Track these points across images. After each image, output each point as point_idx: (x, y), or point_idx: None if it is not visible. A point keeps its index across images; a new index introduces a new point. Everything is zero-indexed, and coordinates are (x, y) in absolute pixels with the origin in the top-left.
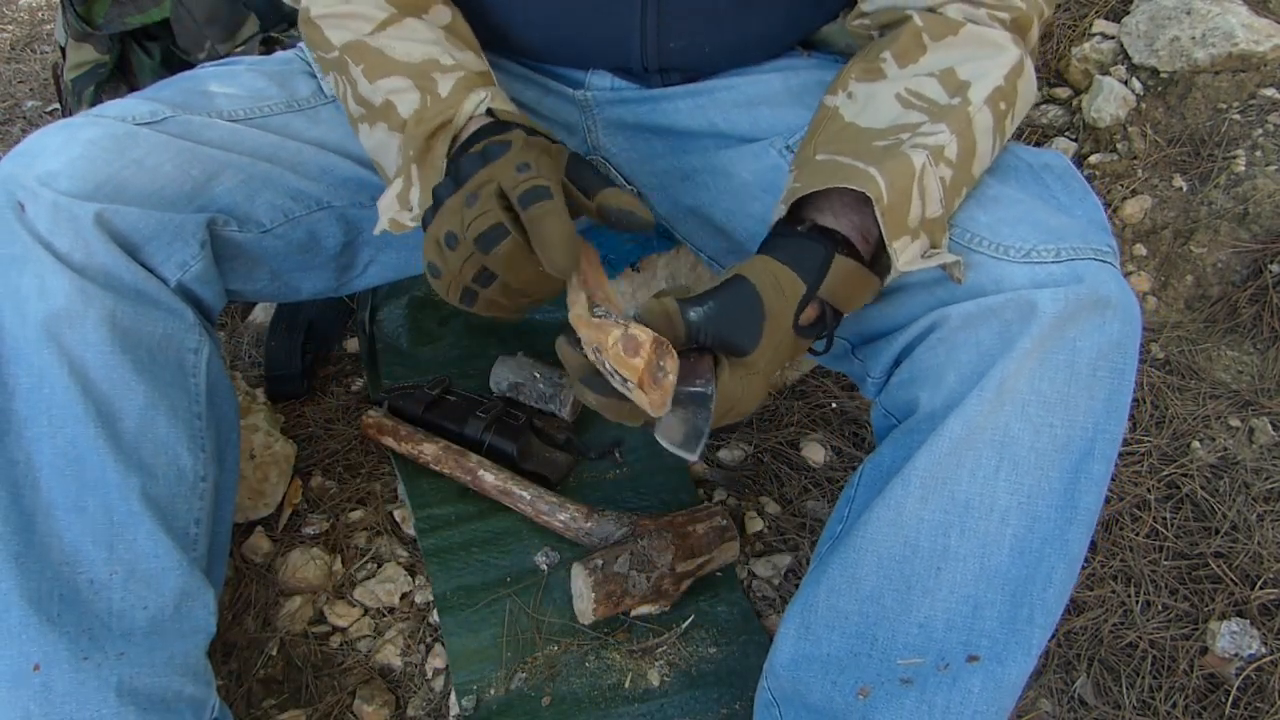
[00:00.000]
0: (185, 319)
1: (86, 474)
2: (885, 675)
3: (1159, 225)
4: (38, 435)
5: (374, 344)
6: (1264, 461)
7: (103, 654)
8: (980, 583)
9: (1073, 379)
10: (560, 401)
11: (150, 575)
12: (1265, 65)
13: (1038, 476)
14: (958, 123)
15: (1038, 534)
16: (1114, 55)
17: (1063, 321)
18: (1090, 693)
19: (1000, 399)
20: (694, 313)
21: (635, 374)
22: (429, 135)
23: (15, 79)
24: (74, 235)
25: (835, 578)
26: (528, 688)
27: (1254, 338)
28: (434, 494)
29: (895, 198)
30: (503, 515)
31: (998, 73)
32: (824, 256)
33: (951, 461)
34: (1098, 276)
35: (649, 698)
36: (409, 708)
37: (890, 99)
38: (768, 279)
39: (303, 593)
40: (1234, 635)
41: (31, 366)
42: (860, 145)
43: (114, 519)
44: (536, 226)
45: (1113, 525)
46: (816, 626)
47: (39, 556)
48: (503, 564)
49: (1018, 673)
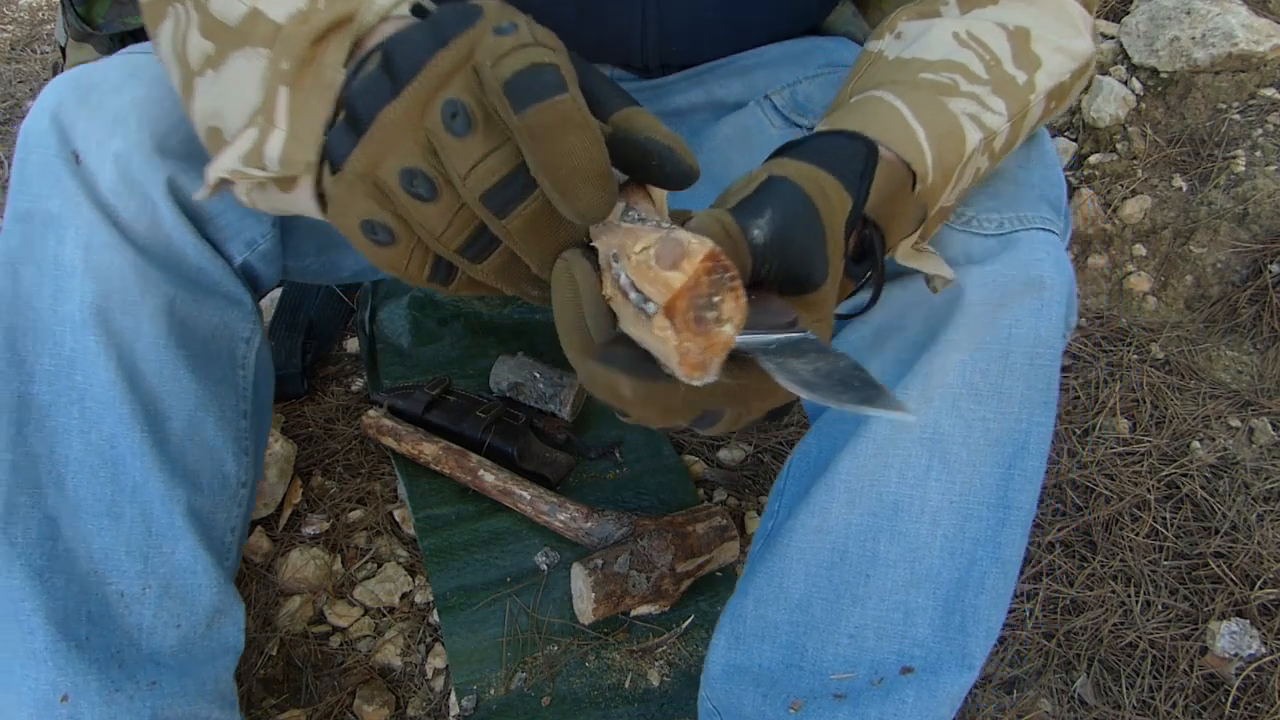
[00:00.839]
0: (244, 306)
1: (124, 477)
2: (818, 689)
3: (1159, 225)
4: (65, 427)
5: (374, 344)
6: (1264, 461)
7: (134, 685)
8: (911, 588)
9: (1007, 370)
10: (560, 401)
11: (186, 591)
12: (1265, 65)
13: (970, 474)
14: (1017, 106)
15: (969, 535)
16: (1114, 55)
17: (994, 308)
18: (1090, 693)
19: (928, 393)
20: (757, 230)
21: (667, 293)
22: (316, 38)
23: (15, 79)
24: (141, 202)
25: (763, 587)
26: (528, 688)
27: (1254, 338)
28: (434, 494)
29: (938, 177)
30: (503, 515)
31: (1068, 65)
32: (864, 156)
33: (878, 463)
34: (1034, 254)
35: (649, 698)
36: (409, 708)
37: (946, 35)
38: (812, 184)
39: (303, 593)
40: (1234, 635)
41: (60, 349)
42: (904, 74)
43: (152, 529)
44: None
45: (1113, 525)
46: (747, 637)
47: (65, 568)
48: (503, 564)
49: (955, 685)
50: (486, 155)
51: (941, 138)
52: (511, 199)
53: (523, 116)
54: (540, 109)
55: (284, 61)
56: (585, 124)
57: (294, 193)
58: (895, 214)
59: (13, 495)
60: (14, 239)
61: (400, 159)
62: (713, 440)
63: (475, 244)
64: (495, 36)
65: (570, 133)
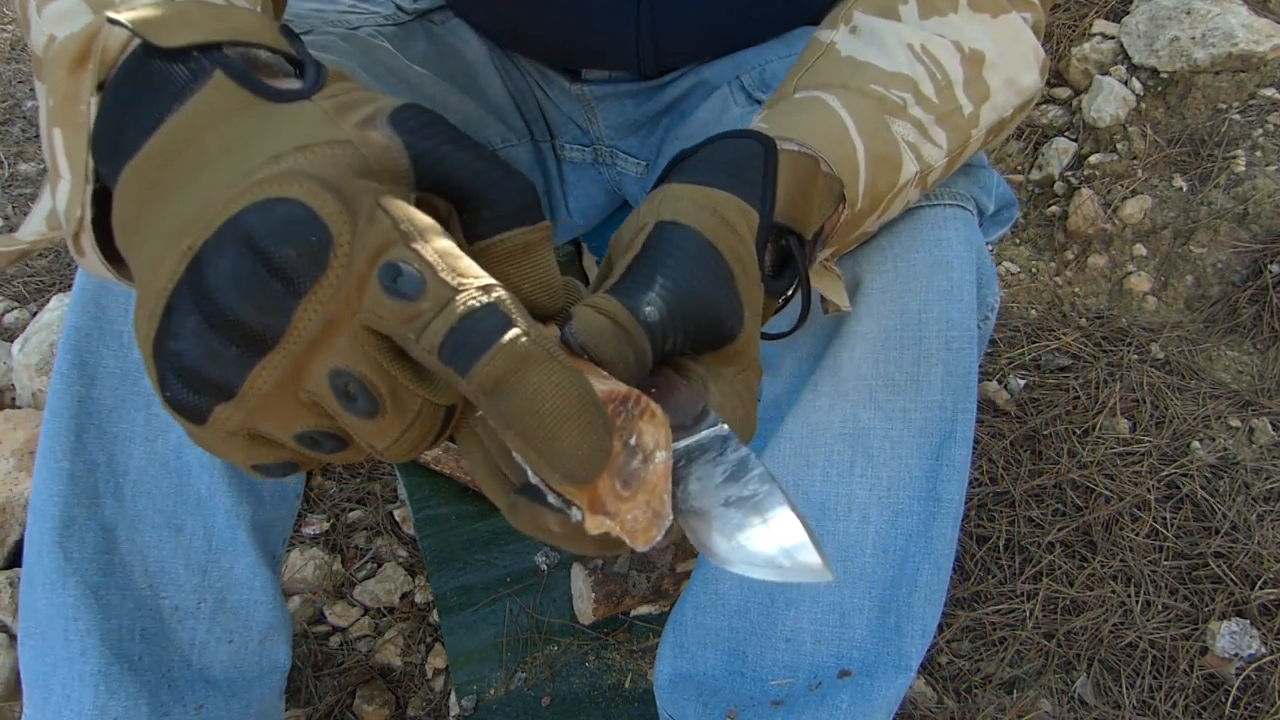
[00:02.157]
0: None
1: (189, 489)
2: (757, 696)
3: (1159, 225)
4: (127, 434)
5: None
6: (1264, 461)
7: (182, 708)
8: (845, 589)
9: (922, 357)
10: None
11: (241, 607)
12: (1265, 65)
13: (896, 467)
14: (958, 141)
15: (900, 530)
16: (1114, 55)
17: (899, 294)
18: (1090, 693)
19: (841, 387)
20: (649, 307)
21: (585, 497)
22: (74, 64)
23: (15, 79)
24: None
25: (700, 594)
26: (528, 688)
27: (1254, 338)
28: (434, 494)
29: (866, 204)
30: (503, 515)
31: (1013, 100)
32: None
33: (800, 463)
34: (941, 234)
35: (649, 698)
36: (409, 708)
37: (901, 45)
38: (705, 215)
39: (303, 593)
40: (1234, 635)
41: (128, 349)
42: (855, 78)
43: (213, 544)
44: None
45: (1113, 525)
46: (689, 644)
47: (120, 584)
48: (503, 564)
49: (891, 688)
50: (404, 433)
51: (879, 161)
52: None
53: (469, 380)
54: (487, 362)
55: (51, 98)
56: (547, 356)
57: (85, 256)
58: (809, 209)
59: (69, 508)
60: None
61: (289, 425)
62: None
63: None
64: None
65: (530, 373)
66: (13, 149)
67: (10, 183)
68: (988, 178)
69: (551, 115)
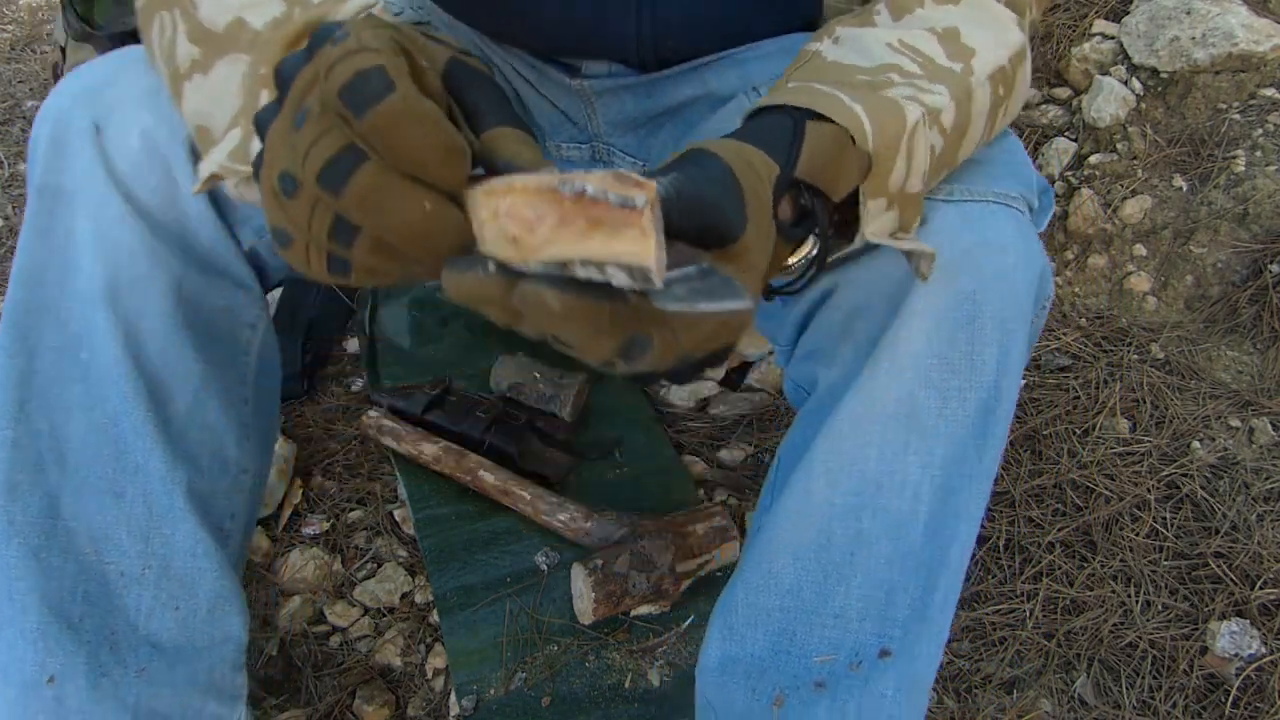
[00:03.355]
0: (252, 292)
1: (126, 456)
2: (801, 678)
3: (1159, 225)
4: (67, 404)
5: (374, 344)
6: (1264, 461)
7: (122, 669)
8: (894, 566)
9: (976, 336)
10: (560, 402)
11: (186, 574)
12: (1265, 65)
13: (949, 445)
14: (958, 90)
15: (950, 508)
16: (1114, 55)
17: (956, 274)
18: (1090, 693)
19: (897, 366)
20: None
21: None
22: (289, 44)
23: (15, 79)
24: (163, 176)
25: (752, 575)
26: (528, 688)
27: (1254, 338)
28: (434, 494)
29: (881, 146)
30: (503, 515)
31: (1003, 51)
32: (791, 127)
33: (856, 441)
34: (991, 221)
35: (649, 698)
36: (409, 708)
37: (880, 44)
38: (733, 153)
39: (303, 593)
40: (1234, 635)
41: (66, 324)
42: (842, 76)
43: (153, 510)
44: (388, 141)
45: (1113, 525)
46: (739, 626)
47: (63, 546)
48: (503, 564)
49: (927, 668)
50: (316, 139)
51: (879, 113)
52: (338, 175)
53: (361, 123)
54: (374, 112)
55: (262, 66)
56: (421, 114)
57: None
58: (837, 175)
59: (13, 473)
60: (30, 213)
61: (279, 166)
62: (713, 440)
63: (340, 230)
64: (328, 47)
65: (406, 127)
66: (13, 149)
67: (10, 183)
68: (1026, 171)
69: (545, 116)
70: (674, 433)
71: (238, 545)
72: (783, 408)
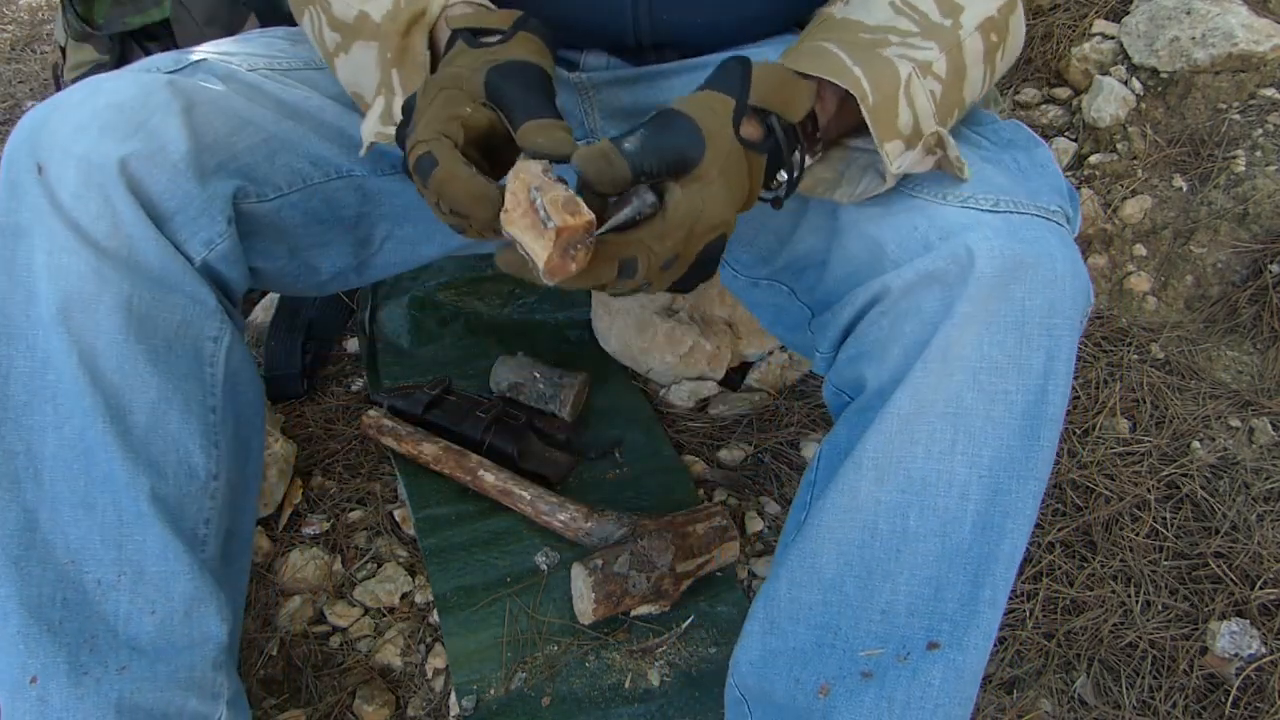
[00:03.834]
0: (206, 305)
1: (95, 469)
2: (847, 668)
3: (1159, 225)
4: (40, 424)
5: (374, 344)
6: (1264, 461)
7: (103, 668)
8: (942, 563)
9: (1023, 340)
10: (560, 401)
11: (159, 579)
12: (1265, 65)
13: (996, 447)
14: (947, 42)
15: (999, 507)
16: (1114, 55)
17: (1005, 280)
18: (1090, 693)
19: (947, 368)
20: (629, 143)
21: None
22: (404, 31)
23: (15, 79)
24: (101, 204)
25: (796, 569)
26: (528, 688)
27: (1254, 338)
28: (434, 494)
29: (881, 100)
30: (503, 515)
31: (992, 3)
32: (741, 69)
33: (904, 439)
34: (1036, 232)
35: (649, 698)
36: (409, 708)
37: (883, 5)
38: (692, 104)
39: (303, 593)
40: (1234, 635)
41: (34, 349)
42: (847, 34)
43: (124, 518)
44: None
45: (1113, 525)
46: (781, 620)
47: (41, 557)
48: (503, 564)
49: (977, 659)
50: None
51: (875, 72)
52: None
53: (427, 184)
54: (431, 179)
55: (388, 51)
56: (455, 177)
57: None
58: (787, 99)
59: None
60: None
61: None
62: (713, 440)
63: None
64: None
65: (450, 186)
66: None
67: None
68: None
69: None
70: (674, 433)
71: (217, 551)
72: (782, 408)
